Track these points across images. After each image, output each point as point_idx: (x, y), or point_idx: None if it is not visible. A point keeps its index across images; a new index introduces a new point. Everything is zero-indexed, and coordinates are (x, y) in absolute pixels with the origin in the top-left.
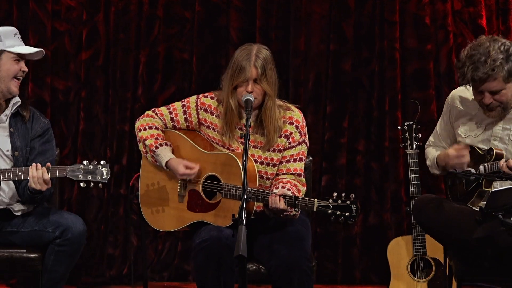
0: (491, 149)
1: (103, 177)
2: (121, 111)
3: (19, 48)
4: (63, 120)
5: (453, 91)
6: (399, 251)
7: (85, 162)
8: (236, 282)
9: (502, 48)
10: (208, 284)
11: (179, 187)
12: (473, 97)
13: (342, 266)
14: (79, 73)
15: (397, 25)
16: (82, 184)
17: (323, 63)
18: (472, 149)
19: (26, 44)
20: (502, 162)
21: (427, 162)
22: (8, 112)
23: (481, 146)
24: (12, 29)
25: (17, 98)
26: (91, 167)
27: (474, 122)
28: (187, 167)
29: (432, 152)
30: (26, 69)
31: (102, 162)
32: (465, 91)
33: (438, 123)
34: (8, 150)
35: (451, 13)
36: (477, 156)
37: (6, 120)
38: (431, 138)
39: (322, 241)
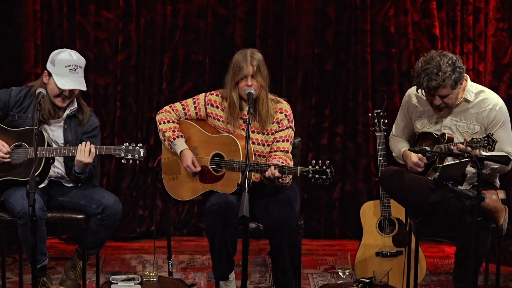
0: (444, 134)
1: (140, 155)
2: (149, 102)
3: (60, 79)
4: (103, 109)
5: (409, 90)
6: (369, 212)
7: (126, 143)
8: (239, 237)
9: (449, 62)
10: (217, 239)
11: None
12: None
13: (324, 224)
14: (116, 71)
15: (368, 33)
16: (123, 161)
17: (309, 63)
18: (430, 134)
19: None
20: (452, 146)
21: (393, 154)
22: (64, 115)
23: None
24: (67, 60)
25: (75, 105)
26: (131, 148)
27: (427, 115)
28: (193, 163)
29: (397, 146)
30: (67, 94)
31: (139, 144)
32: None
33: (398, 116)
34: (62, 143)
35: (411, 24)
36: (433, 139)
37: (62, 120)
38: (393, 130)
39: (309, 205)
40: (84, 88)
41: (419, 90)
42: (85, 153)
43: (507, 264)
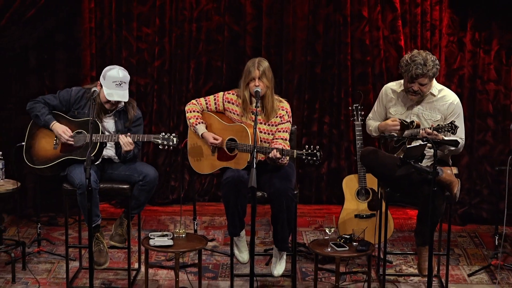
0: (412, 121)
1: (174, 143)
2: (179, 98)
3: (107, 91)
4: (143, 103)
5: (385, 85)
6: (350, 183)
7: (163, 133)
8: (248, 203)
9: (432, 58)
10: (231, 204)
11: (211, 147)
12: (400, 89)
13: (315, 193)
14: (153, 74)
15: (349, 45)
16: (160, 146)
17: (303, 68)
18: (401, 121)
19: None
20: (420, 130)
21: (370, 128)
22: (114, 112)
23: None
24: (114, 77)
25: (122, 104)
26: (166, 136)
27: (400, 105)
28: (214, 138)
29: (373, 124)
30: (113, 102)
31: (173, 134)
32: (394, 86)
33: (375, 105)
34: (113, 131)
35: (382, 38)
36: (403, 125)
37: (112, 115)
38: (370, 115)
39: (303, 178)
40: (125, 99)
41: (405, 75)
42: (127, 144)
43: (456, 224)
